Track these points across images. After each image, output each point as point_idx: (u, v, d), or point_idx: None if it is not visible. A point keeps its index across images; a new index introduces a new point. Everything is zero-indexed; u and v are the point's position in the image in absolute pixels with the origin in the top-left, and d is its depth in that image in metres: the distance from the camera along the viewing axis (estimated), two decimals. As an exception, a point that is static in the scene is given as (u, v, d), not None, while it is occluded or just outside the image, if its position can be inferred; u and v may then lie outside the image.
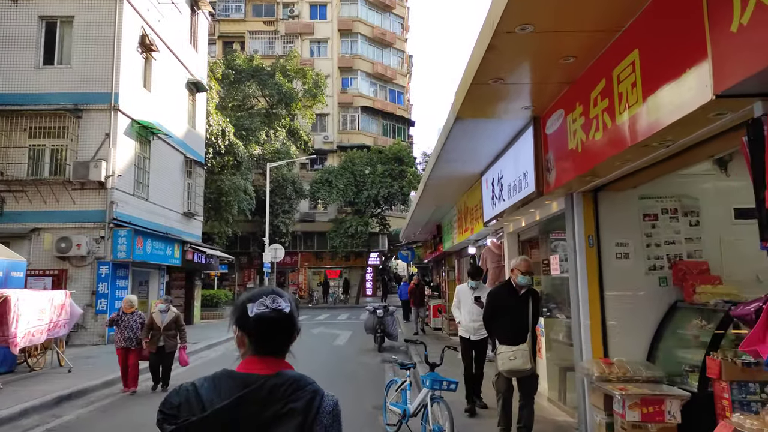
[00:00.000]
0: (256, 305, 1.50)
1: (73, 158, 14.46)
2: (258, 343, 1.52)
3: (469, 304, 7.02)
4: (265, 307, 1.50)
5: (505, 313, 5.31)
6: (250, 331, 1.51)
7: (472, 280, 7.15)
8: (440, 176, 8.94)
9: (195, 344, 14.25)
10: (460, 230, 11.25)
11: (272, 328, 1.51)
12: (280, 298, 1.54)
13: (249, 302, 1.52)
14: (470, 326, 6.97)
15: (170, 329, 8.40)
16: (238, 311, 1.55)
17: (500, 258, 8.99)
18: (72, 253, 14.17)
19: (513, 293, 5.35)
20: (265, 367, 1.49)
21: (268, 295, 1.54)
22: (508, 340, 5.17)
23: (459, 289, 7.40)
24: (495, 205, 7.70)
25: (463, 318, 7.09)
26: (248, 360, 1.53)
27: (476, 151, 7.35)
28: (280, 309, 1.51)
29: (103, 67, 14.94)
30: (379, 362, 11.73)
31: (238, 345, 1.57)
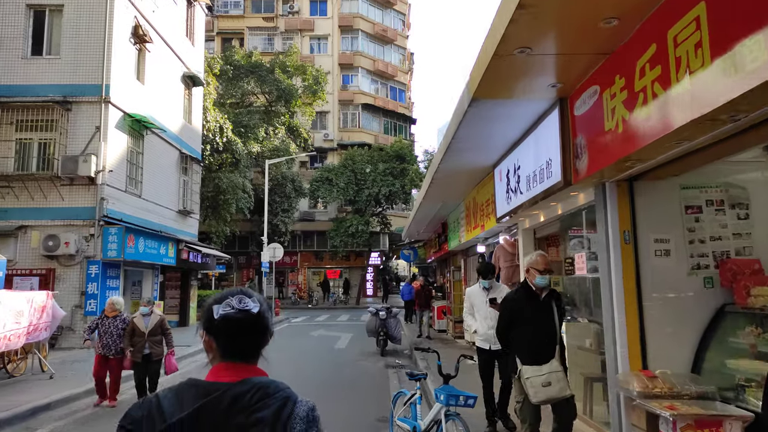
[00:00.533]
0: (222, 306, 1.43)
1: (61, 153, 13.83)
2: (224, 347, 1.44)
3: (484, 309, 6.07)
4: (230, 308, 1.42)
5: (525, 323, 4.43)
6: (217, 334, 1.43)
7: (484, 280, 6.19)
8: (449, 169, 8.31)
9: (188, 347, 13.63)
10: (469, 228, 10.62)
11: (238, 329, 1.43)
12: (247, 298, 1.45)
13: (215, 304, 1.44)
14: (489, 334, 5.92)
15: (155, 334, 7.49)
16: (205, 314, 1.47)
17: (514, 257, 8.36)
18: (60, 251, 13.53)
19: (532, 298, 4.53)
20: (232, 375, 1.40)
21: (235, 295, 1.46)
22: (531, 356, 4.33)
23: (470, 291, 6.36)
24: (510, 199, 7.07)
25: (479, 325, 6.10)
26: (216, 367, 1.44)
27: (491, 138, 6.71)
28: (247, 309, 1.43)
29: (94, 57, 14.30)
30: (382, 367, 11.09)
31: (207, 350, 1.48)
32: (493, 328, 5.72)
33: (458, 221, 11.97)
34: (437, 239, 15.67)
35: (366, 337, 15.37)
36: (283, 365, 11.34)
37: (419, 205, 12.09)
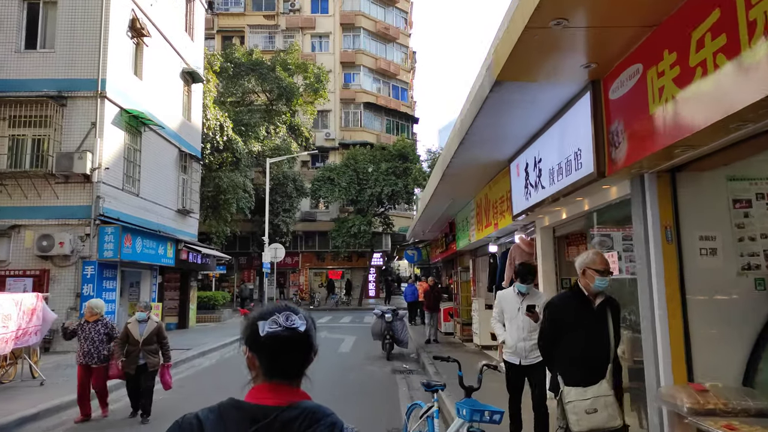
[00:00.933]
0: (268, 323, 1.36)
1: (56, 149, 13.38)
2: (270, 365, 1.38)
3: (517, 317, 5.21)
4: (277, 326, 1.35)
5: (573, 335, 3.65)
6: (262, 352, 1.37)
7: (522, 283, 5.27)
8: (462, 164, 7.83)
9: (187, 350, 13.18)
10: (480, 226, 10.15)
11: (285, 348, 1.37)
12: (294, 315, 1.40)
13: (260, 320, 1.37)
14: (519, 347, 5.16)
15: (151, 343, 6.78)
16: (248, 329, 1.41)
17: (531, 257, 7.88)
18: (54, 251, 13.07)
19: (585, 305, 3.71)
20: (277, 397, 1.34)
21: (282, 311, 1.39)
22: (579, 376, 3.56)
23: (501, 296, 5.51)
24: (529, 195, 6.59)
25: (508, 336, 5.29)
26: (259, 387, 1.38)
27: (510, 129, 6.24)
28: (295, 327, 1.37)
29: (90, 51, 13.86)
30: (389, 372, 10.61)
31: (249, 367, 1.42)
32: (525, 340, 5.13)
33: (468, 220, 11.50)
34: (444, 239, 15.19)
35: (371, 340, 14.88)
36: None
37: (427, 203, 11.62)
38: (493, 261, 10.49)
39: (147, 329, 6.80)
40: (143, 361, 6.69)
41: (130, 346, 6.67)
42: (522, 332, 5.15)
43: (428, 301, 14.14)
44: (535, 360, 5.07)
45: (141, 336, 6.72)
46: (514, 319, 5.23)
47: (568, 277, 7.24)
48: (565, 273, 7.25)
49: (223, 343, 14.89)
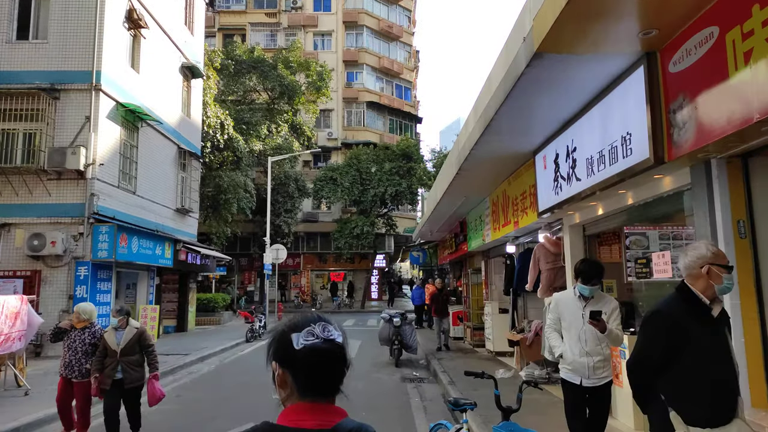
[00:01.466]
0: (303, 335, 1.24)
1: (48, 144, 12.76)
2: (307, 383, 1.24)
3: (578, 325, 4.24)
4: (314, 337, 1.23)
5: (698, 357, 2.64)
6: (297, 368, 1.24)
7: (585, 284, 4.20)
8: (481, 157, 7.21)
9: (186, 356, 12.55)
10: (496, 225, 9.52)
11: (324, 362, 1.24)
12: (330, 326, 1.28)
13: (293, 331, 1.26)
14: (581, 363, 4.17)
15: (131, 353, 5.67)
16: (277, 343, 1.29)
17: (557, 258, 7.25)
18: (46, 251, 12.44)
19: (704, 315, 2.72)
20: (317, 418, 1.21)
21: (316, 322, 1.27)
22: (708, 413, 2.61)
23: (558, 299, 4.49)
24: (560, 189, 5.97)
25: (567, 349, 4.28)
26: (295, 408, 1.24)
27: (541, 114, 5.63)
28: (333, 339, 1.25)
29: (84, 42, 13.25)
30: (398, 381, 9.97)
31: (279, 386, 1.28)
32: (588, 355, 4.14)
33: (482, 219, 10.87)
34: (453, 240, 14.56)
35: (376, 344, 14.24)
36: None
37: (438, 202, 11.00)
38: (509, 262, 9.87)
39: (125, 337, 5.70)
40: (120, 376, 5.61)
41: (108, 359, 5.65)
42: (584, 345, 4.20)
43: (437, 306, 13.23)
44: (601, 381, 4.15)
45: (118, 345, 5.65)
46: (575, 328, 4.28)
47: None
48: (596, 275, 6.61)
49: (223, 348, 14.26)
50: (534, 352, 8.39)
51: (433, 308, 13.14)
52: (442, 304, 13.23)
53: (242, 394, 8.98)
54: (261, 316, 17.33)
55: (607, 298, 4.38)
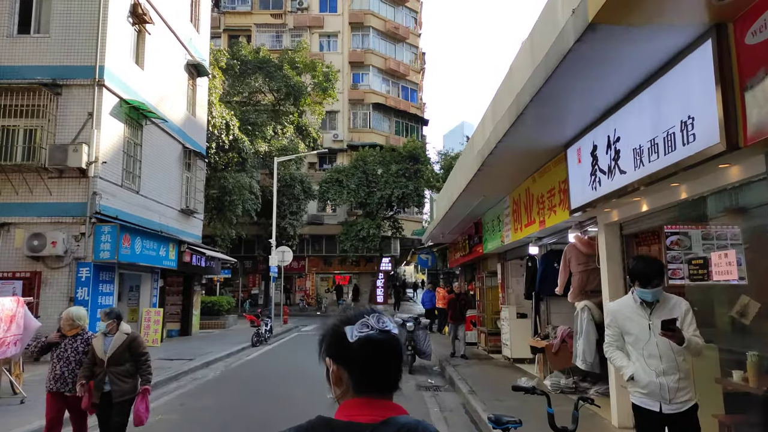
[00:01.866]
0: (357, 327, 1.18)
1: (50, 141, 12.36)
2: (363, 377, 1.18)
3: (646, 338, 3.50)
4: (369, 328, 1.18)
5: None
6: (352, 361, 1.18)
7: (645, 287, 3.50)
8: (509, 151, 6.73)
9: (190, 361, 12.09)
10: (517, 225, 9.04)
11: (381, 355, 1.18)
12: (384, 317, 1.22)
13: (346, 324, 1.20)
14: (657, 385, 3.44)
15: (120, 362, 4.96)
16: (330, 338, 1.23)
17: (589, 259, 6.77)
18: (46, 252, 12.03)
19: None
20: (371, 413, 1.14)
21: (370, 314, 1.22)
22: None
23: (616, 308, 3.74)
24: (598, 184, 5.49)
25: (638, 369, 3.54)
26: (350, 404, 1.18)
27: (581, 101, 5.16)
28: (388, 330, 1.20)
29: (87, 36, 12.87)
30: (413, 388, 9.48)
31: (334, 384, 1.22)
32: (666, 374, 3.42)
33: (500, 219, 10.40)
34: (466, 242, 14.07)
35: (387, 349, 13.86)
36: (298, 383, 9.78)
37: (453, 202, 10.52)
38: (531, 264, 9.39)
39: (113, 344, 4.98)
40: (108, 388, 4.91)
41: (96, 368, 4.98)
42: (660, 362, 3.42)
43: (453, 312, 12.52)
44: (684, 405, 3.42)
45: (106, 353, 4.95)
46: (644, 342, 3.50)
47: (638, 282, 6.12)
48: (634, 278, 6.13)
49: (228, 352, 13.79)
50: (560, 359, 7.90)
51: (449, 314, 12.42)
52: (459, 310, 12.52)
53: (251, 402, 8.51)
54: (267, 320, 16.87)
55: (674, 300, 3.61)
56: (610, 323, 3.78)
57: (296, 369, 11.67)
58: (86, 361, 5.02)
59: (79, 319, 5.20)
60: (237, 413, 7.81)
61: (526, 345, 10.72)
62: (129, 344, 5.05)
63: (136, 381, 5.08)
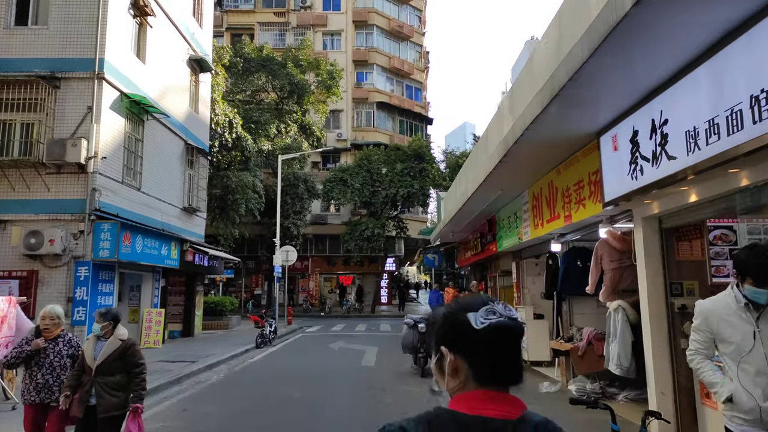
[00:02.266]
0: (482, 314, 1.11)
1: (48, 136, 11.92)
2: (489, 368, 1.10)
3: (751, 350, 2.81)
4: (498, 315, 1.10)
5: None
6: (477, 350, 1.10)
7: (760, 286, 2.81)
8: (535, 141, 6.28)
9: (192, 363, 11.65)
10: (538, 221, 8.58)
11: (512, 343, 1.12)
12: (507, 305, 1.15)
13: (465, 311, 1.12)
14: (765, 411, 2.74)
15: (110, 372, 4.27)
16: (447, 325, 1.15)
17: (622, 255, 6.30)
18: (44, 250, 11.58)
19: None
20: (499, 407, 1.07)
21: (492, 300, 1.15)
22: None
23: (710, 310, 3.02)
24: (639, 173, 5.03)
25: (739, 387, 2.83)
26: (472, 396, 1.10)
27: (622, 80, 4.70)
28: (516, 317, 1.13)
29: (87, 28, 12.43)
30: (427, 393, 9.01)
31: (450, 375, 1.14)
32: None
33: (517, 215, 9.93)
34: (478, 240, 13.61)
35: (393, 351, 13.45)
36: (306, 386, 9.31)
37: (468, 198, 10.06)
38: (552, 263, 8.93)
39: (105, 350, 4.28)
40: (94, 401, 4.23)
41: (84, 376, 4.30)
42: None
43: None
44: None
45: (96, 360, 4.27)
46: (746, 353, 2.81)
47: (679, 281, 5.66)
48: (675, 276, 5.67)
49: (232, 354, 13.34)
50: (587, 363, 7.43)
51: None
52: None
53: (257, 408, 8.06)
54: (271, 321, 16.42)
55: None
56: (699, 326, 3.07)
57: (303, 372, 11.22)
58: (75, 369, 4.42)
59: (57, 317, 4.62)
60: (242, 420, 7.35)
61: (543, 347, 10.27)
62: (123, 352, 4.35)
63: (128, 395, 4.34)
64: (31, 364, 4.50)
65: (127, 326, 14.35)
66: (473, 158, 12.44)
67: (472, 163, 12.32)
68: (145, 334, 14.62)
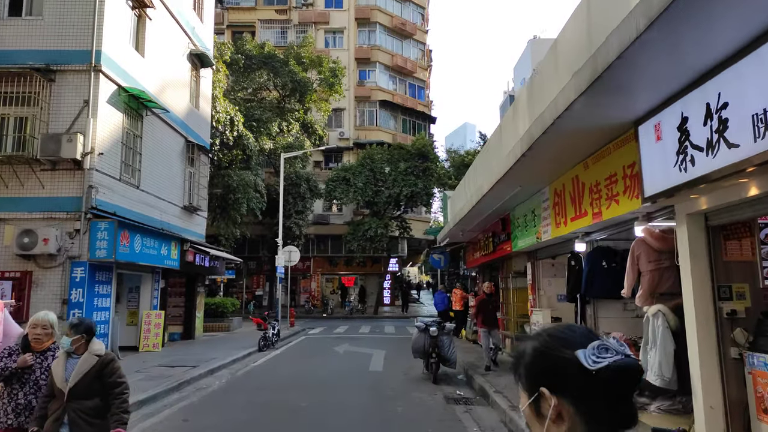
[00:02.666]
0: (593, 351, 0.97)
1: (42, 131, 11.44)
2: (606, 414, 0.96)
3: None
4: (614, 353, 0.97)
5: None
6: (591, 395, 0.96)
7: None
8: (567, 129, 5.75)
9: (193, 368, 11.15)
10: (561, 219, 8.07)
11: (634, 386, 0.99)
12: (615, 338, 1.04)
13: (569, 347, 0.99)
14: None
15: (86, 395, 3.57)
16: (549, 363, 1.01)
17: (661, 255, 5.79)
18: (38, 250, 11.10)
19: None
20: None
21: (593, 332, 1.04)
22: None
23: None
24: (690, 163, 4.52)
25: None
26: None
27: (670, 61, 4.21)
28: (630, 354, 1.00)
29: (83, 19, 11.97)
30: (442, 401, 8.51)
31: (552, 420, 0.99)
32: None
33: (535, 213, 9.43)
34: (490, 240, 13.09)
35: (401, 354, 13.05)
36: (313, 393, 8.79)
37: (483, 195, 9.54)
38: (575, 263, 8.42)
39: (78, 369, 3.57)
40: (66, 428, 3.52)
41: (54, 401, 3.60)
42: None
43: (485, 315, 11.03)
44: None
45: (66, 381, 3.55)
46: None
47: (727, 284, 5.15)
48: (723, 279, 5.16)
49: (234, 358, 12.84)
50: (616, 371, 6.91)
51: (480, 318, 11.00)
52: (492, 313, 11.11)
53: (262, 419, 7.56)
54: (274, 323, 15.91)
55: None
56: None
57: (308, 377, 10.72)
58: (43, 394, 3.70)
59: (54, 326, 3.97)
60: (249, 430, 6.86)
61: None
62: (100, 370, 3.60)
63: (107, 422, 3.59)
64: (13, 381, 3.84)
65: (125, 329, 13.81)
66: (486, 154, 11.95)
67: (484, 160, 11.82)
68: (144, 337, 14.12)
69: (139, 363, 11.80)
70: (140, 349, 13.89)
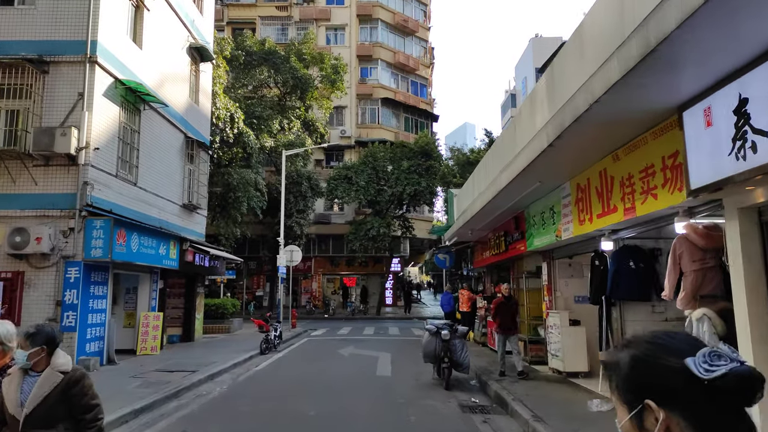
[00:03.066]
0: (704, 359, 0.90)
1: (35, 124, 10.94)
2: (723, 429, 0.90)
3: None
4: (728, 360, 0.90)
5: None
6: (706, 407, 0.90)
7: None
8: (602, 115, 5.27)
9: (193, 373, 10.64)
10: (584, 216, 7.57)
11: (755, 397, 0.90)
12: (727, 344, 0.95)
13: (678, 356, 0.92)
14: None
15: (48, 424, 2.81)
16: (653, 373, 0.95)
17: (705, 254, 5.29)
18: (30, 249, 10.60)
19: None
20: None
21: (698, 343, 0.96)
22: None
23: None
24: (752, 150, 4.04)
25: None
26: None
27: (727, 36, 3.72)
28: (745, 361, 0.92)
29: (78, 8, 11.46)
30: (457, 410, 8.00)
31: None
32: None
33: (554, 210, 8.93)
34: (502, 238, 12.59)
35: (408, 356, 12.60)
36: (319, 399, 8.27)
37: (499, 190, 9.05)
38: (599, 263, 7.93)
39: (37, 391, 2.84)
40: None
41: (6, 429, 2.89)
42: None
43: (503, 319, 10.10)
44: None
45: (21, 405, 2.83)
46: None
47: (785, 285, 4.66)
48: (779, 279, 4.68)
49: (235, 362, 12.32)
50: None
51: (497, 322, 10.19)
52: (510, 317, 10.21)
53: (267, 429, 7.05)
54: (276, 325, 15.40)
55: None
56: None
57: (314, 383, 10.21)
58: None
59: (9, 341, 3.12)
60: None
61: (581, 357, 9.31)
62: (66, 391, 2.86)
63: None
64: None
65: (122, 331, 13.19)
66: (497, 150, 11.46)
67: (496, 156, 11.34)
68: (141, 340, 13.60)
69: (137, 367, 11.30)
70: (138, 353, 13.38)
